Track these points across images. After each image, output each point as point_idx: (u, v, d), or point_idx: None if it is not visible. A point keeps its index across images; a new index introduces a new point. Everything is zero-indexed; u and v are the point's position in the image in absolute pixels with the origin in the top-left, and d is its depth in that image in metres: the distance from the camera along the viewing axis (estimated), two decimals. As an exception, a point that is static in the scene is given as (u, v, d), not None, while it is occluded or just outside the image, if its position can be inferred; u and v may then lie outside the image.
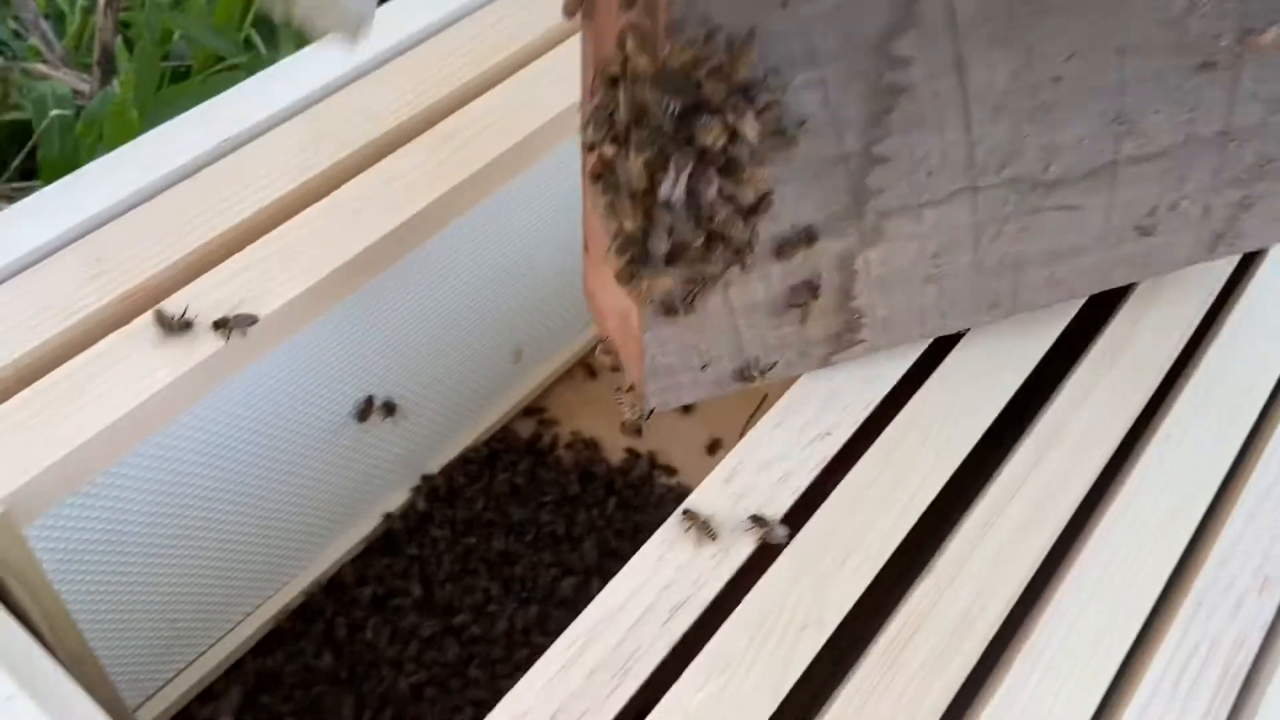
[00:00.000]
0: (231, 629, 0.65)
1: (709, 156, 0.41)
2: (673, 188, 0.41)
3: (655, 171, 0.41)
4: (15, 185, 0.87)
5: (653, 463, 0.79)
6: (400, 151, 0.59)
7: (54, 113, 0.80)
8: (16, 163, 0.88)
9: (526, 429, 0.80)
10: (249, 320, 0.50)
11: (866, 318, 0.53)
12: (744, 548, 0.49)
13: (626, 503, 0.78)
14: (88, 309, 0.50)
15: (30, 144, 0.87)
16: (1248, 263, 0.64)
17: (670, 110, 0.40)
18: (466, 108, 0.62)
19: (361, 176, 0.58)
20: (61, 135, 0.82)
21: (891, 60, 0.44)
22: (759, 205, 0.45)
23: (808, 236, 0.48)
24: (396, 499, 0.73)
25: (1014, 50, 0.46)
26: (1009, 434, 0.56)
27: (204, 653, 0.64)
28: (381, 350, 0.64)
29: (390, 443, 0.70)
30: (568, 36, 0.67)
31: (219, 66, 0.94)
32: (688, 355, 0.51)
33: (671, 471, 0.79)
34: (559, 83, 0.64)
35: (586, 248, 0.53)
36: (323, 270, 0.54)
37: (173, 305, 0.50)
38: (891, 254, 0.51)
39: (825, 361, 0.54)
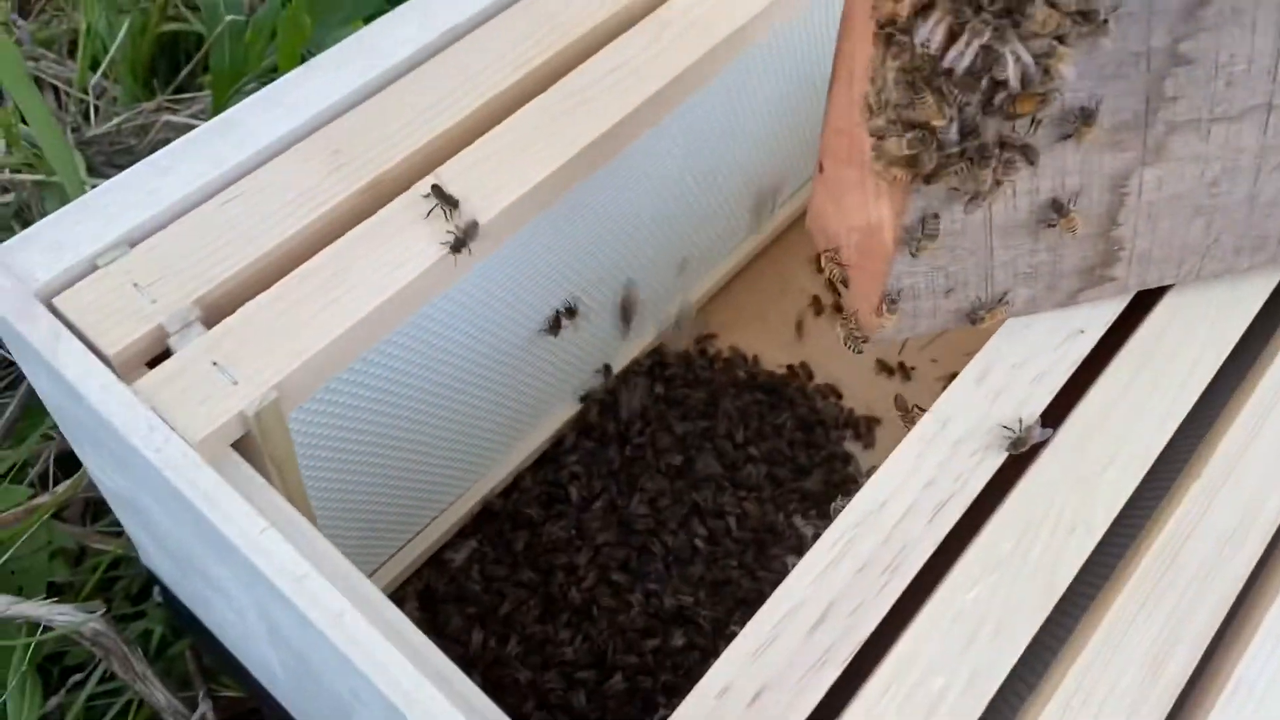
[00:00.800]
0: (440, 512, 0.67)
1: (1022, 27, 0.39)
2: (971, 56, 0.39)
3: (956, 38, 0.38)
4: (176, 98, 0.87)
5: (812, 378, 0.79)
6: (620, 40, 0.58)
7: (228, 19, 0.80)
8: (185, 73, 0.88)
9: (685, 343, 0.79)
10: (474, 229, 0.49)
11: (1125, 250, 0.50)
12: (1003, 448, 0.47)
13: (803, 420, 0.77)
14: (333, 200, 0.49)
15: (202, 53, 0.87)
16: None
17: None
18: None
19: (583, 65, 0.56)
20: (231, 44, 0.81)
21: None
22: (1047, 98, 0.42)
23: (1084, 117, 0.45)
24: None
25: None
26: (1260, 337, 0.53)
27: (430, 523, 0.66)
28: (577, 254, 0.63)
29: (575, 345, 0.69)
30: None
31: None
32: (934, 277, 0.48)
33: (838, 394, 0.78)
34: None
35: (821, 167, 0.51)
36: (548, 168, 0.52)
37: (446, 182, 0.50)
38: (1169, 176, 0.48)
39: (1073, 299, 0.51)
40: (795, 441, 0.76)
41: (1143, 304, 0.53)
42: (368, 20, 0.86)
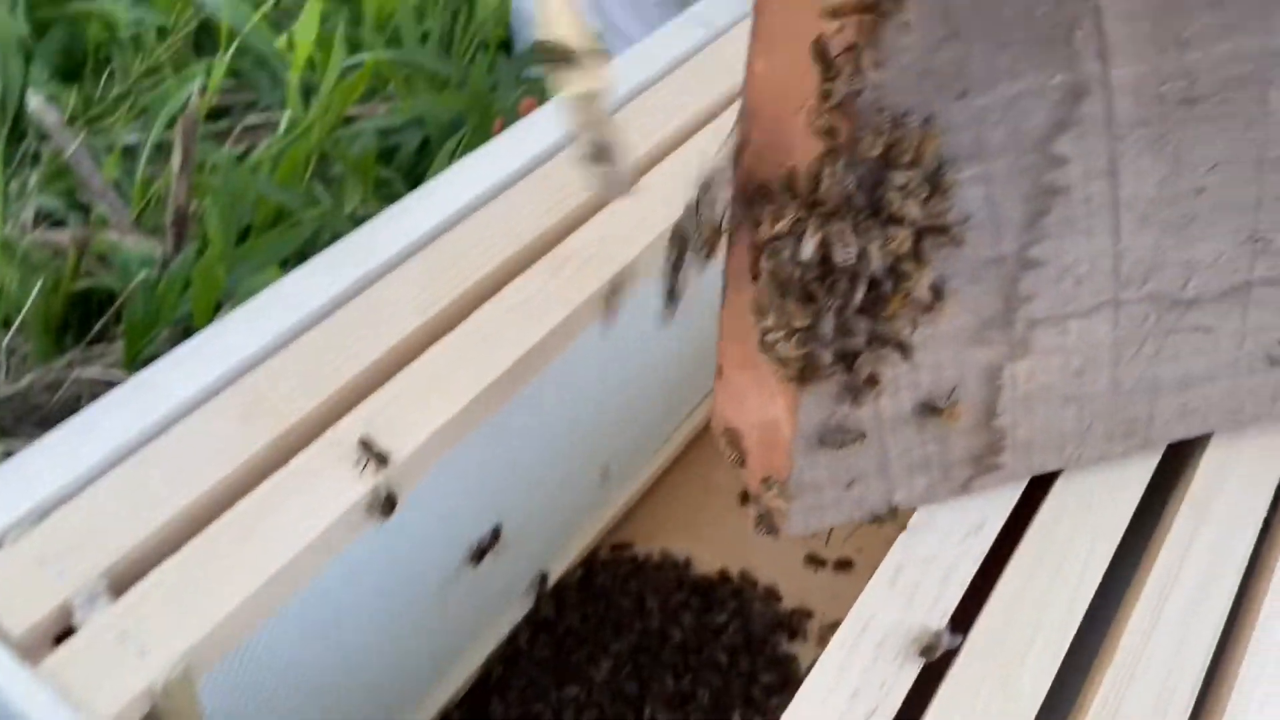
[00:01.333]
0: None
1: (887, 240, 0.43)
2: (844, 258, 0.42)
3: (832, 248, 0.42)
4: (87, 352, 0.87)
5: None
6: (521, 277, 0.61)
7: (141, 275, 0.82)
8: (98, 327, 0.89)
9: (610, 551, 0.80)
10: (384, 460, 0.50)
11: (1008, 439, 0.52)
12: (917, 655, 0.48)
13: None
14: (247, 452, 0.50)
15: (115, 307, 0.89)
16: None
17: (855, 189, 0.41)
18: (581, 229, 0.64)
19: (485, 306, 0.59)
20: (145, 297, 0.83)
21: (1051, 159, 0.45)
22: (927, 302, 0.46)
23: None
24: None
25: (1163, 157, 0.47)
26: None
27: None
28: (493, 481, 0.64)
29: (496, 574, 0.69)
30: (677, 145, 0.70)
31: (288, 223, 0.96)
32: (835, 470, 0.51)
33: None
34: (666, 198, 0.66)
35: (720, 370, 0.54)
36: (458, 403, 0.54)
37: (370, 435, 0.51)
38: (1037, 368, 0.51)
39: (966, 487, 0.53)
40: (734, 646, 0.76)
41: (1041, 486, 0.55)
42: (282, 265, 0.89)
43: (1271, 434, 0.57)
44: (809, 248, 0.42)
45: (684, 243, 0.47)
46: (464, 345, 0.57)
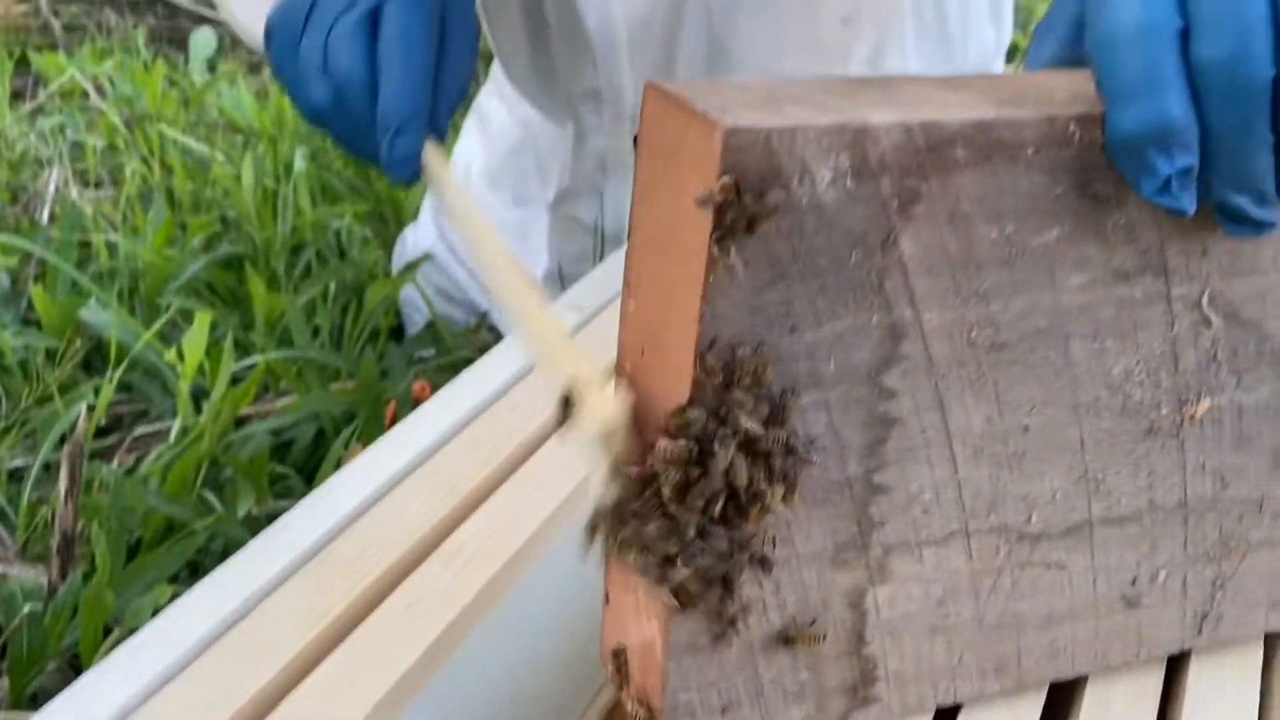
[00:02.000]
0: None
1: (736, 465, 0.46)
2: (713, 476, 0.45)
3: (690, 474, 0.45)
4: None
5: None
6: (415, 574, 0.61)
7: (26, 608, 0.79)
8: (-23, 667, 0.85)
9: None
10: None
11: (880, 669, 0.53)
12: None
13: None
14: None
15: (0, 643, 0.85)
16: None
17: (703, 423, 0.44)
18: (472, 517, 0.65)
19: (378, 609, 0.59)
20: (31, 630, 0.80)
21: (883, 391, 0.49)
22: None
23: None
24: None
25: (984, 396, 0.51)
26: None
27: None
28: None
29: None
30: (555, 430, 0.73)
31: (179, 535, 0.95)
32: (708, 693, 0.51)
33: None
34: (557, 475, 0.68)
35: (606, 597, 0.54)
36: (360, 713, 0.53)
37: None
38: (899, 595, 0.53)
39: None
40: None
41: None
42: (172, 580, 0.88)
43: (1143, 677, 0.59)
44: (671, 474, 0.45)
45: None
46: (355, 657, 0.57)
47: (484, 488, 0.68)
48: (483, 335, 1.38)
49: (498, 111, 1.35)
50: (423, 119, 0.64)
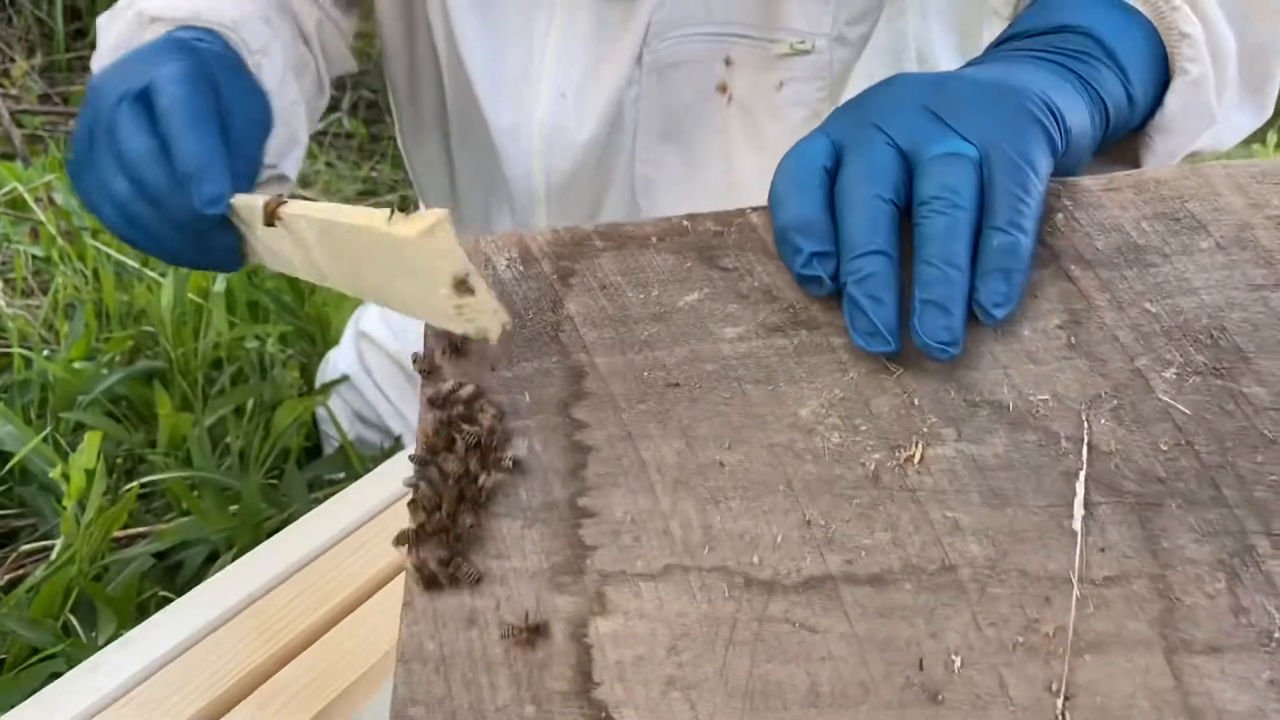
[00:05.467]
0: None
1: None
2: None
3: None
4: None
5: None
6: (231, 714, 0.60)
7: None
8: None
9: None
10: None
11: (616, 718, 0.50)
12: None
13: None
14: None
15: None
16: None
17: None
18: (293, 662, 0.64)
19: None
20: None
21: (575, 422, 0.56)
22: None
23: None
24: None
25: (670, 430, 0.55)
26: None
27: None
28: None
29: None
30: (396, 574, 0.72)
31: (35, 658, 0.92)
32: (436, 694, 0.53)
33: None
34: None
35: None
36: None
37: None
38: (622, 632, 0.51)
39: None
40: None
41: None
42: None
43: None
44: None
45: None
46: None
47: (308, 634, 0.66)
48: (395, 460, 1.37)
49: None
50: (221, 163, 0.65)
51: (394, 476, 0.82)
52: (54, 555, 1.09)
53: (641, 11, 0.90)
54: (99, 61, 0.82)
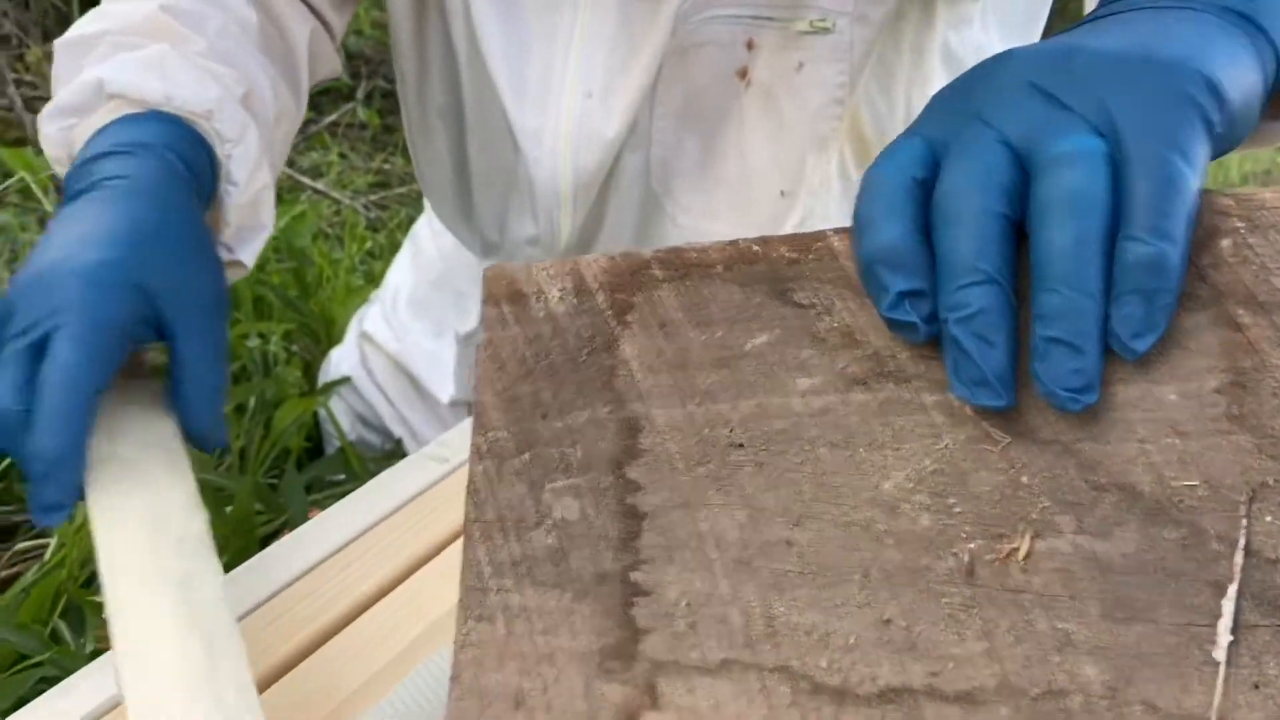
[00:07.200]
0: None
1: None
2: None
3: None
4: None
5: None
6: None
7: None
8: None
9: None
10: None
11: None
12: None
13: None
14: None
15: None
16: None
17: None
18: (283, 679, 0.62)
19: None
20: None
21: (628, 483, 0.48)
22: None
23: None
24: None
25: (733, 499, 0.46)
26: None
27: None
28: None
29: None
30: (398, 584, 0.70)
31: (23, 665, 0.91)
32: None
33: None
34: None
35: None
36: None
37: None
38: None
39: None
40: None
41: None
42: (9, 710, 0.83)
43: None
44: None
45: None
46: None
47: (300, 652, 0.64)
48: (395, 462, 1.36)
49: (427, 241, 1.35)
50: (75, 463, 0.56)
51: (385, 491, 0.80)
52: (47, 556, 1.08)
53: (668, 6, 0.88)
54: (50, 122, 0.72)
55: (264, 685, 0.61)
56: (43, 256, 0.62)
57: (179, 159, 0.69)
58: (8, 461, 1.15)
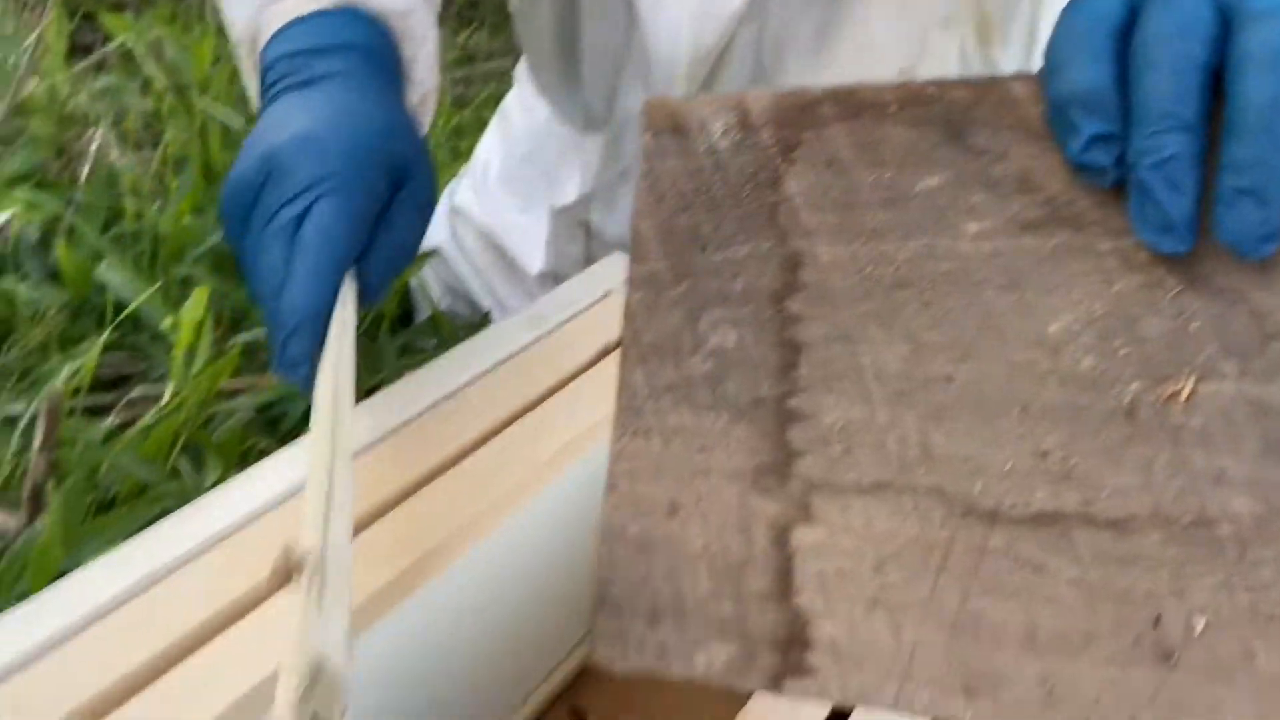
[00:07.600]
0: None
1: None
2: None
3: None
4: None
5: None
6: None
7: (-17, 553, 0.83)
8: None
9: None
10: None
11: (813, 630, 0.48)
12: None
13: None
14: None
15: (-49, 589, 0.89)
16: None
17: None
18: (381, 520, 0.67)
19: (276, 597, 0.61)
20: (-17, 574, 0.84)
21: (788, 316, 0.51)
22: None
23: None
24: None
25: (896, 334, 0.49)
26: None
27: None
28: None
29: None
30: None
31: (147, 495, 0.99)
32: (638, 589, 0.51)
33: None
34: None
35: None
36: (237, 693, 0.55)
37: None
38: (827, 544, 0.49)
39: (777, 684, 0.48)
40: None
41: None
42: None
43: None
44: None
45: None
46: (252, 640, 0.59)
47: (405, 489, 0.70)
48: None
49: (518, 115, 1.37)
50: (321, 324, 0.62)
51: (480, 354, 0.85)
52: (164, 402, 1.15)
53: None
54: (236, 7, 0.76)
55: (383, 510, 0.67)
56: (288, 128, 0.67)
57: (382, 60, 0.74)
58: (125, 312, 1.22)
